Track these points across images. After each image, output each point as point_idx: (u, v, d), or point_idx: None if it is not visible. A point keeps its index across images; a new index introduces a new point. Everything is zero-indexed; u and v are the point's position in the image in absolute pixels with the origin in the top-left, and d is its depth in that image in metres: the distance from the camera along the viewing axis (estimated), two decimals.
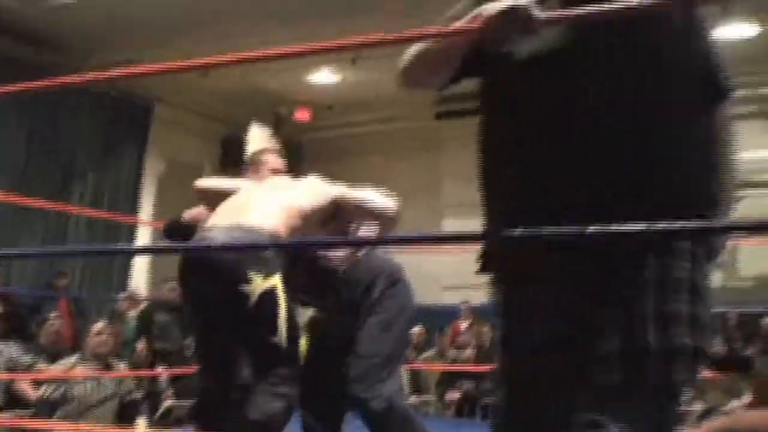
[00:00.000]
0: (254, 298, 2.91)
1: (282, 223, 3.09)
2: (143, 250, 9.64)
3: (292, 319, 3.03)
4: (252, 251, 3.00)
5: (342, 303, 3.51)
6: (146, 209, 10.34)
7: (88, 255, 8.70)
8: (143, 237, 10.15)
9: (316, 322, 3.70)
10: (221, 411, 3.14)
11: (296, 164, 10.96)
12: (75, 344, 6.97)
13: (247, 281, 2.90)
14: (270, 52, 1.82)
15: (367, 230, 3.50)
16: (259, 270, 2.93)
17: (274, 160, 3.69)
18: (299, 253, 3.41)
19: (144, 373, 6.51)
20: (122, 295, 8.80)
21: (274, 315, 2.94)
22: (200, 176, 11.37)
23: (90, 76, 2.45)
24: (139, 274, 9.99)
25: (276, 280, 2.97)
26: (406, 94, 10.30)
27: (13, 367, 5.37)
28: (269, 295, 2.93)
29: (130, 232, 9.96)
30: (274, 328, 2.95)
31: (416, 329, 8.24)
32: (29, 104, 8.53)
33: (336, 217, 3.39)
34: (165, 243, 4.76)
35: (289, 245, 3.34)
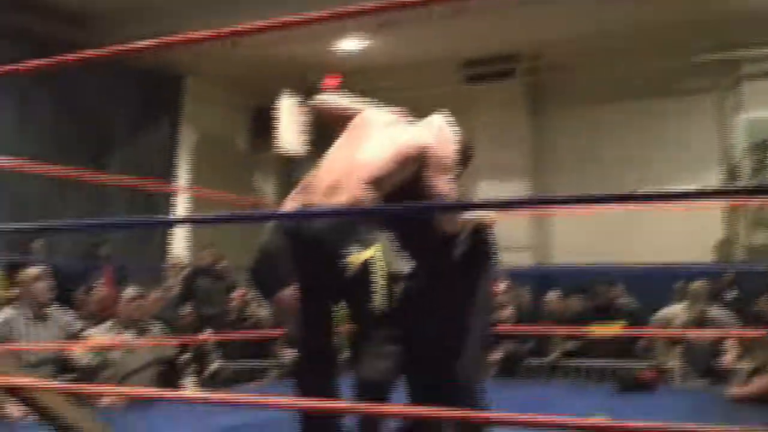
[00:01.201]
0: (353, 269, 3.12)
1: (371, 187, 3.22)
2: (183, 221, 9.88)
3: (391, 285, 3.21)
4: (346, 227, 3.18)
5: (446, 267, 3.54)
6: (182, 179, 10.55)
7: (130, 227, 8.93)
8: (181, 206, 10.37)
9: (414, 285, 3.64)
10: (322, 372, 3.38)
11: (328, 132, 11.12)
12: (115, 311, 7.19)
13: (346, 255, 3.12)
14: (296, 18, 1.90)
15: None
16: (355, 243, 3.14)
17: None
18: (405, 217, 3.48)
19: (190, 339, 6.71)
20: (165, 262, 9.05)
21: (373, 283, 3.15)
22: (232, 147, 11.56)
23: (122, 48, 2.56)
24: (179, 240, 10.23)
25: (372, 251, 3.16)
26: (433, 58, 10.38)
27: (67, 335, 5.55)
28: (367, 265, 3.14)
29: (169, 203, 10.20)
30: (373, 295, 3.15)
31: None
32: (65, 81, 8.71)
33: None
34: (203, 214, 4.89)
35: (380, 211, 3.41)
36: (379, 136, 3.40)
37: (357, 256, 3.15)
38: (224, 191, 7.90)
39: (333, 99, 3.68)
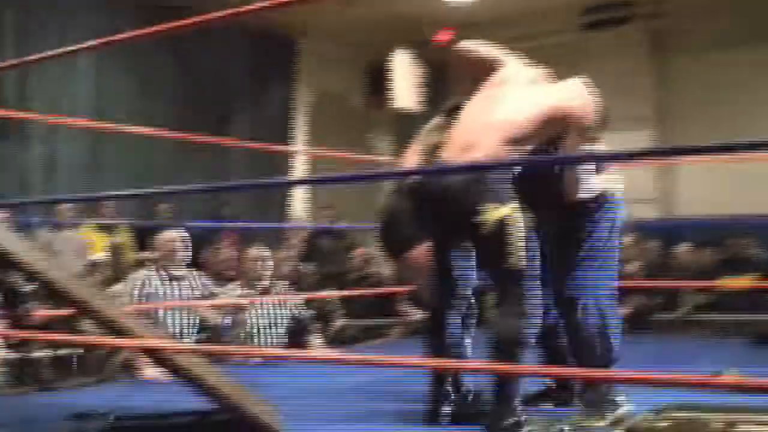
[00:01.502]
0: (488, 227, 3.10)
1: (508, 148, 3.17)
2: (307, 182, 9.96)
3: (526, 242, 3.18)
4: (482, 184, 3.15)
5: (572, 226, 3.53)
6: (300, 139, 10.65)
7: (261, 188, 9.11)
8: (300, 167, 10.49)
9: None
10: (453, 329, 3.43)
11: (441, 85, 11.00)
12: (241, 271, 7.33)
13: (480, 213, 3.10)
14: None
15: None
16: (490, 201, 3.11)
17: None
18: (534, 173, 3.43)
19: (316, 295, 6.80)
20: (286, 221, 9.18)
21: (509, 242, 3.12)
22: (348, 105, 11.59)
23: (239, 10, 2.54)
24: (299, 201, 10.35)
25: (508, 209, 3.13)
26: (548, 6, 10.09)
27: (202, 296, 5.69)
28: (503, 223, 3.11)
29: (288, 163, 10.31)
30: (510, 254, 3.12)
31: None
32: (184, 47, 8.86)
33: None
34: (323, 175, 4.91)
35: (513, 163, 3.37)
36: (519, 95, 3.31)
37: (492, 213, 3.09)
38: (341, 150, 7.91)
39: (476, 46, 3.58)
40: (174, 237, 5.68)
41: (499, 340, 3.14)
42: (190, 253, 5.82)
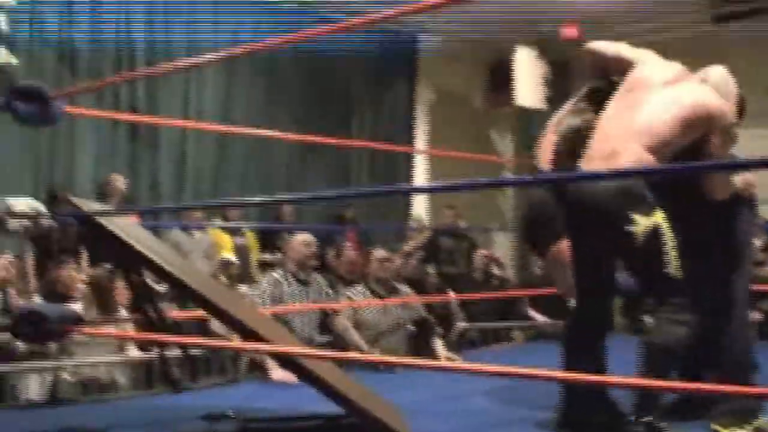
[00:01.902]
0: (640, 236, 3.04)
1: (651, 154, 3.08)
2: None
3: (677, 250, 3.11)
4: (630, 192, 3.08)
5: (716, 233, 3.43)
6: (420, 138, 10.62)
7: (379, 195, 9.12)
8: (421, 165, 10.45)
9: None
10: (595, 334, 3.38)
11: (566, 82, 10.77)
12: (365, 273, 7.34)
13: (631, 222, 3.04)
14: None
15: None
16: (639, 210, 3.06)
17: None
18: (675, 181, 3.34)
19: (437, 298, 6.75)
20: (408, 223, 9.17)
21: (662, 249, 3.06)
22: (469, 104, 11.48)
23: (366, 19, 2.50)
24: (420, 201, 10.32)
25: (657, 217, 3.07)
26: None
27: (328, 298, 5.73)
28: (654, 231, 3.05)
29: (408, 162, 10.30)
30: (664, 261, 3.07)
31: None
32: (305, 47, 8.93)
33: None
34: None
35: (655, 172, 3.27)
36: (660, 98, 3.18)
37: (643, 222, 3.02)
38: (461, 149, 7.83)
39: (606, 47, 3.47)
40: (306, 240, 5.72)
41: (658, 348, 3.09)
42: (316, 256, 5.87)
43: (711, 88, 3.24)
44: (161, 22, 8.25)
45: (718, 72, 3.32)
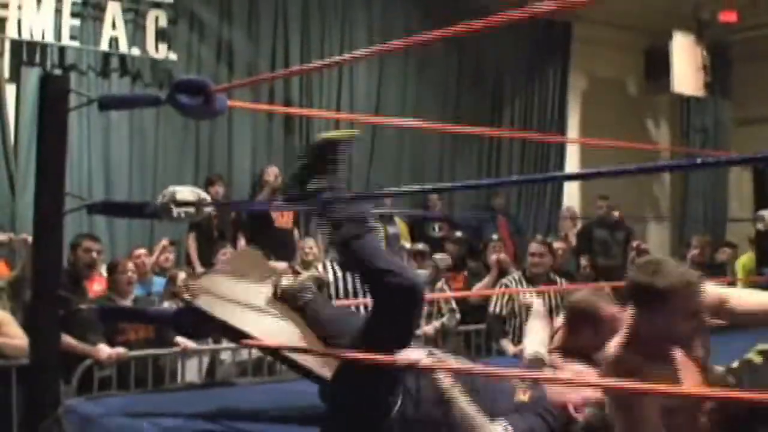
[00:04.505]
0: None
1: None
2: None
3: None
4: None
5: None
6: (572, 127, 10.43)
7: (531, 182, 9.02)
8: (572, 154, 10.27)
9: None
10: None
11: (724, 68, 10.33)
12: (517, 262, 7.26)
13: None
14: None
15: None
16: None
17: None
18: None
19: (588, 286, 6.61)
20: (561, 212, 9.03)
21: None
22: (623, 90, 11.18)
23: (517, 13, 2.47)
24: (572, 190, 10.14)
25: None
26: None
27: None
28: None
29: (560, 152, 10.16)
30: None
31: None
32: (456, 41, 8.93)
33: None
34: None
35: None
36: None
37: None
38: (615, 137, 7.63)
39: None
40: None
41: None
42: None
43: None
44: (316, 18, 8.48)
45: None
